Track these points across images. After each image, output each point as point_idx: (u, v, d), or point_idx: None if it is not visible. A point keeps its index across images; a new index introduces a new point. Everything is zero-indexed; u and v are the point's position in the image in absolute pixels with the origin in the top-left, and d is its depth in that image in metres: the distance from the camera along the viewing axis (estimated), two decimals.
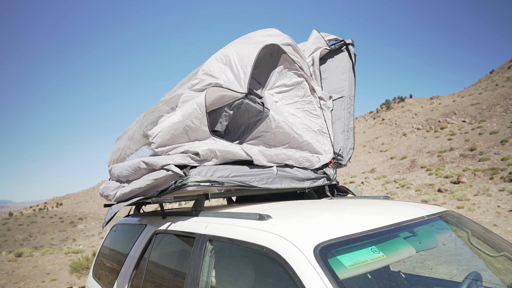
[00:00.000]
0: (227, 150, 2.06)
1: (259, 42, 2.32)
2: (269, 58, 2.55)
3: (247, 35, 2.56)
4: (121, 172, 2.43)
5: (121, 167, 2.45)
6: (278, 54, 2.52)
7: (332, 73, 3.15)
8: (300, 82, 2.61)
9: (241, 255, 1.53)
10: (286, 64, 2.55)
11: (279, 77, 2.55)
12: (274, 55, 2.53)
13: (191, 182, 1.88)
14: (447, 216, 1.89)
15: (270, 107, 2.35)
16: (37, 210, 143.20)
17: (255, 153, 2.15)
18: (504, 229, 8.54)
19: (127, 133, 2.85)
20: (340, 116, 2.94)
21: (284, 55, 2.51)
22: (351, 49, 3.22)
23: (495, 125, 33.55)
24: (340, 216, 1.69)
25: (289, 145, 2.46)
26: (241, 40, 2.47)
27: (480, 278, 1.63)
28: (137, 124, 2.67)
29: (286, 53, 2.50)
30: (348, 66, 3.15)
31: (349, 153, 2.88)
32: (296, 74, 2.59)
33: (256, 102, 2.23)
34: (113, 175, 2.62)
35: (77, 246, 17.95)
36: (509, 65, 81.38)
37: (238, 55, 2.21)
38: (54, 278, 8.52)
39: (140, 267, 2.21)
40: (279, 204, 2.14)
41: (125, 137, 2.87)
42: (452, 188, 18.82)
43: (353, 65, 3.17)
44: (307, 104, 2.67)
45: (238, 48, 2.27)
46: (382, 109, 79.40)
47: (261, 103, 2.25)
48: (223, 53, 2.33)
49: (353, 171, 34.51)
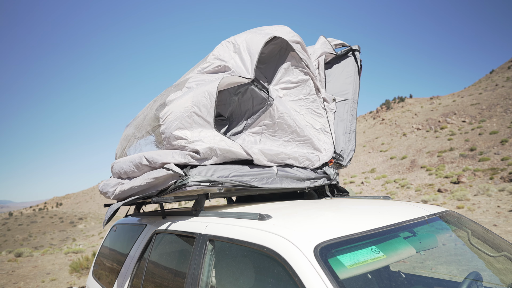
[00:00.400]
0: (227, 149, 2.06)
1: (268, 33, 2.38)
2: (277, 54, 2.59)
3: (258, 28, 2.62)
4: (122, 167, 2.44)
5: (122, 162, 2.45)
6: (287, 51, 2.56)
7: (337, 77, 3.18)
8: (306, 80, 2.64)
9: (241, 255, 1.53)
10: (293, 61, 2.58)
11: (285, 73, 2.58)
12: (282, 52, 2.58)
13: (191, 182, 1.87)
14: (447, 216, 1.89)
15: (275, 100, 2.39)
16: (37, 210, 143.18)
17: (255, 153, 2.15)
18: (504, 229, 8.54)
19: (137, 119, 2.87)
20: (342, 118, 2.95)
21: (292, 52, 2.55)
22: (357, 55, 3.25)
23: (495, 125, 33.55)
24: (340, 216, 1.69)
25: (291, 137, 2.48)
26: (252, 30, 2.54)
27: (480, 278, 1.63)
28: (148, 109, 2.69)
29: (294, 51, 2.53)
30: (354, 70, 3.18)
31: (349, 154, 2.89)
32: (302, 72, 2.62)
33: (261, 89, 2.30)
34: (114, 171, 2.63)
35: (77, 246, 17.95)
36: (509, 65, 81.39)
37: (247, 43, 2.30)
38: (54, 278, 8.52)
39: (140, 267, 2.21)
40: (279, 204, 2.14)
41: (134, 123, 2.89)
42: (452, 188, 18.83)
43: (359, 70, 3.20)
44: (311, 103, 2.69)
45: (248, 36, 2.36)
46: (382, 109, 79.41)
47: (266, 91, 2.31)
48: (233, 40, 2.42)
49: (353, 171, 34.51)
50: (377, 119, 67.90)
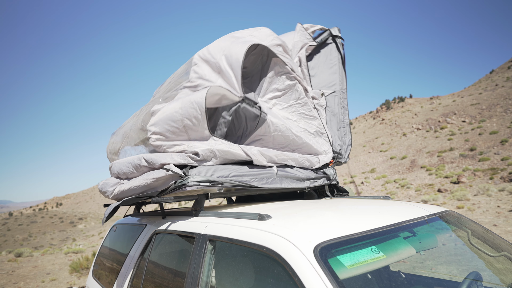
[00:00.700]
0: (226, 150, 2.05)
1: (247, 41, 2.21)
2: (259, 64, 2.45)
3: (234, 34, 2.44)
4: (121, 168, 2.43)
5: (121, 163, 2.44)
6: (269, 58, 2.41)
7: (321, 68, 3.01)
8: (293, 84, 2.51)
9: (241, 255, 1.53)
10: (277, 68, 2.43)
11: (271, 82, 2.45)
12: (264, 60, 2.43)
13: (191, 182, 1.87)
14: (447, 216, 1.89)
15: (268, 114, 2.30)
16: (37, 210, 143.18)
17: (254, 153, 2.15)
18: (504, 229, 8.54)
19: (123, 129, 2.83)
20: (334, 112, 2.86)
21: (274, 58, 2.40)
22: (338, 41, 3.07)
23: (495, 125, 33.55)
24: (340, 216, 1.69)
25: (288, 147, 2.43)
26: (227, 39, 2.35)
27: (480, 278, 1.63)
28: (134, 118, 2.65)
29: (276, 56, 2.38)
30: (337, 58, 3.02)
31: (347, 149, 2.85)
32: (288, 77, 2.48)
33: (254, 106, 2.20)
34: (113, 171, 2.62)
35: (77, 246, 17.94)
36: (509, 65, 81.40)
37: (227, 58, 2.14)
38: (54, 278, 8.51)
39: (140, 267, 2.21)
40: (279, 204, 2.14)
41: (120, 132, 2.85)
42: (452, 188, 18.82)
43: (342, 57, 3.03)
44: (302, 107, 2.59)
45: (226, 50, 2.18)
46: (382, 109, 79.42)
47: (258, 107, 2.21)
48: (209, 54, 2.24)
49: (353, 171, 34.51)
50: (377, 119, 67.91)
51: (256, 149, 2.19)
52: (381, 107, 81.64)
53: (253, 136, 2.33)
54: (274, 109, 2.47)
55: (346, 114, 2.91)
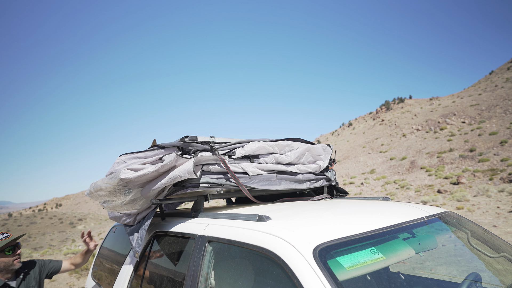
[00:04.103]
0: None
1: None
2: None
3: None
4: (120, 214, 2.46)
5: (117, 209, 2.36)
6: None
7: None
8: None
9: (240, 256, 1.53)
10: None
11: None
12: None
13: (190, 183, 1.87)
14: (447, 217, 1.89)
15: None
16: (37, 211, 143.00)
17: (252, 170, 2.14)
18: (503, 230, 8.54)
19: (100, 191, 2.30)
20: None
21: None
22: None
23: (495, 126, 33.58)
24: (339, 217, 1.68)
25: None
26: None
27: (479, 279, 1.62)
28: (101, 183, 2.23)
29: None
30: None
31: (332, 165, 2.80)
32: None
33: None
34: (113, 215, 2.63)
35: (77, 247, 17.92)
36: (508, 66, 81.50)
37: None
38: (53, 279, 8.50)
39: (139, 268, 2.20)
40: (278, 205, 2.13)
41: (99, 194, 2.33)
42: (451, 189, 18.83)
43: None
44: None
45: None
46: (381, 110, 79.50)
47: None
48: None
49: (353, 172, 34.53)
50: (377, 120, 67.95)
51: (253, 166, 2.18)
52: (381, 108, 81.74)
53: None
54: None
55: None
